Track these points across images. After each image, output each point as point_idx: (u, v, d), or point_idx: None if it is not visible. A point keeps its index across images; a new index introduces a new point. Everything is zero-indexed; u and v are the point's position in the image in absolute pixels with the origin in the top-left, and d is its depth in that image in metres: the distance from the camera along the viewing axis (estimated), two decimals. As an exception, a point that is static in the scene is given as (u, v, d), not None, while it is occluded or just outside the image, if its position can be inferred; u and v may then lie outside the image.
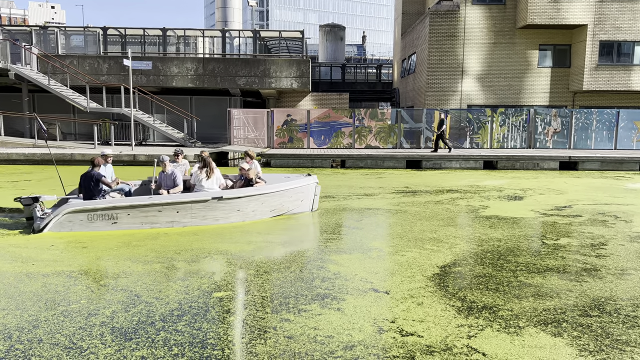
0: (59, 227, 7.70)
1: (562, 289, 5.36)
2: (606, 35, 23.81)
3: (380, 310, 4.69)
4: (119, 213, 7.89)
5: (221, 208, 8.36)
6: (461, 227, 8.47)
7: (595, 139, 21.81)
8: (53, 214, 7.71)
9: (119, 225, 7.90)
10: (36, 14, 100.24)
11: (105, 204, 7.87)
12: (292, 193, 9.31)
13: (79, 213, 7.76)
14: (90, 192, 8.24)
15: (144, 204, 7.96)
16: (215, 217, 8.34)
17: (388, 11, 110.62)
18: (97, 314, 4.58)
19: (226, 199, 8.35)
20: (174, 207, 8.08)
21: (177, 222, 8.14)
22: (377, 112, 22.17)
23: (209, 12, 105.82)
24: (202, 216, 8.25)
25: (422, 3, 32.04)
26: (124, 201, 8.07)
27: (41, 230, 7.62)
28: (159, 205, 8.00)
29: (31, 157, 18.52)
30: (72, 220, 7.75)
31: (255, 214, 8.78)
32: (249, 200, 8.59)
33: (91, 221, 7.81)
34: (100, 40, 25.02)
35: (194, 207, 8.18)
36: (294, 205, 9.46)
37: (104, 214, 7.85)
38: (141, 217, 7.98)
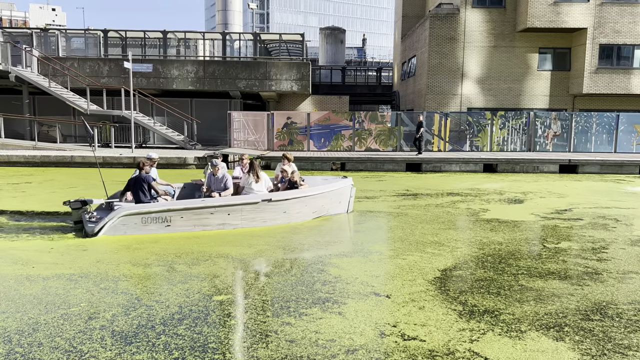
0: (114, 231, 7.72)
1: (563, 292, 5.35)
2: (606, 38, 23.84)
3: (381, 314, 4.68)
4: (173, 216, 7.96)
5: (269, 210, 8.57)
6: (462, 231, 8.46)
7: (595, 142, 21.82)
8: (108, 217, 7.71)
9: (172, 227, 7.96)
10: (37, 16, 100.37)
11: (160, 207, 7.95)
12: (332, 195, 9.56)
13: (133, 216, 7.79)
14: (142, 195, 8.27)
15: (197, 207, 8.07)
16: (263, 218, 8.53)
17: (388, 14, 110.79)
18: (97, 317, 4.56)
19: (275, 201, 8.58)
20: (226, 209, 8.22)
21: (227, 224, 8.28)
22: (377, 115, 22.18)
23: (209, 15, 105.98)
24: (251, 218, 8.42)
25: (422, 6, 32.10)
26: (177, 204, 8.15)
27: (96, 234, 7.62)
28: (212, 207, 8.13)
29: (31, 159, 18.51)
30: (127, 224, 7.78)
31: (299, 215, 9.00)
32: (294, 202, 8.84)
33: (145, 224, 7.85)
34: (100, 42, 25.05)
35: (244, 209, 8.35)
36: (333, 206, 9.71)
37: (158, 216, 7.90)
38: (194, 219, 8.08)
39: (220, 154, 9.68)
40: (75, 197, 9.38)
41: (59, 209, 9.99)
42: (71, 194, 11.92)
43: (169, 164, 18.52)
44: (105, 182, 14.25)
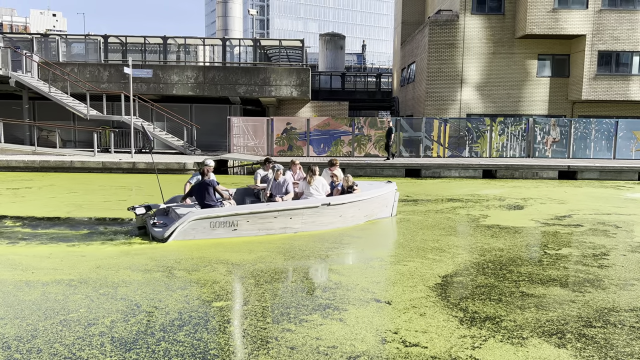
0: (183, 235, 7.79)
1: (565, 299, 5.33)
2: (604, 45, 23.94)
3: (382, 321, 4.65)
4: (239, 220, 8.08)
5: (327, 214, 8.78)
6: (463, 237, 8.44)
7: (594, 149, 21.85)
8: (178, 222, 7.79)
9: (238, 232, 8.09)
10: (37, 21, 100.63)
11: (228, 212, 8.07)
12: (380, 199, 9.85)
13: (202, 220, 7.88)
14: (208, 199, 8.31)
15: (262, 211, 8.22)
16: (322, 222, 8.73)
17: (388, 20, 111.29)
18: (96, 323, 4.53)
19: (333, 205, 8.79)
20: (288, 213, 8.41)
21: (289, 227, 8.44)
22: (376, 120, 22.21)
23: (209, 21, 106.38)
24: (311, 222, 8.61)
25: (421, 13, 32.24)
26: (244, 208, 8.27)
27: (166, 240, 7.67)
28: (276, 212, 8.30)
29: (30, 164, 18.49)
30: (196, 228, 7.86)
31: (353, 219, 9.24)
32: (350, 206, 9.10)
33: (213, 228, 7.95)
34: (101, 48, 25.09)
35: (305, 213, 8.54)
36: (381, 210, 9.96)
37: (225, 221, 8.01)
38: (259, 223, 8.22)
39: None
40: (87, 201, 9.39)
41: (63, 214, 9.97)
42: (71, 199, 11.91)
43: (169, 169, 18.50)
44: (109, 187, 14.25)
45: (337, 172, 9.62)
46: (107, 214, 10.23)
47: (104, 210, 10.66)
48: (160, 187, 9.94)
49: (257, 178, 9.68)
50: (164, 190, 10.22)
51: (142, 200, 11.58)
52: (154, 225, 8.09)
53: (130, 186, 14.77)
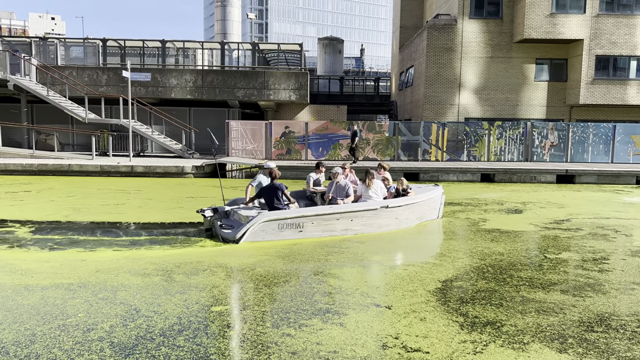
0: (254, 237, 8.03)
1: (565, 304, 5.32)
2: (602, 49, 24.05)
3: (382, 326, 4.63)
4: (305, 222, 8.35)
5: (385, 216, 9.01)
6: (463, 241, 8.43)
7: (592, 153, 21.91)
8: (249, 224, 8.02)
9: (304, 233, 8.34)
10: (36, 25, 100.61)
11: (295, 214, 8.34)
12: (430, 202, 10.16)
13: (271, 222, 8.14)
14: (276, 201, 8.55)
15: (326, 213, 8.49)
16: (379, 224, 8.96)
17: (386, 25, 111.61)
18: (95, 328, 4.50)
19: (391, 208, 9.05)
20: (350, 215, 8.67)
21: (350, 229, 8.68)
22: (374, 124, 22.23)
23: (208, 25, 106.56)
24: (369, 224, 8.85)
25: (419, 17, 32.34)
26: (310, 211, 8.55)
27: (238, 241, 7.90)
28: (338, 214, 8.56)
29: (28, 167, 18.44)
30: (265, 230, 8.12)
31: (407, 221, 9.47)
32: (405, 209, 9.34)
33: (281, 230, 8.21)
34: (99, 51, 25.10)
35: (365, 216, 8.79)
36: (430, 213, 10.26)
37: (292, 222, 8.29)
38: (322, 225, 8.48)
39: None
40: (86, 205, 9.34)
41: (72, 217, 9.93)
42: (70, 203, 11.87)
43: (167, 172, 18.48)
44: (107, 190, 14.23)
45: (387, 176, 9.91)
46: (112, 218, 10.20)
47: (104, 214, 10.62)
48: (222, 191, 10.27)
49: (309, 181, 9.98)
50: (164, 192, 10.21)
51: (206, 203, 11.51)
52: (221, 227, 8.36)
53: (129, 189, 14.73)
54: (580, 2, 23.84)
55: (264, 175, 9.34)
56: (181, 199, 12.82)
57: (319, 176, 10.07)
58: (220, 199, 11.66)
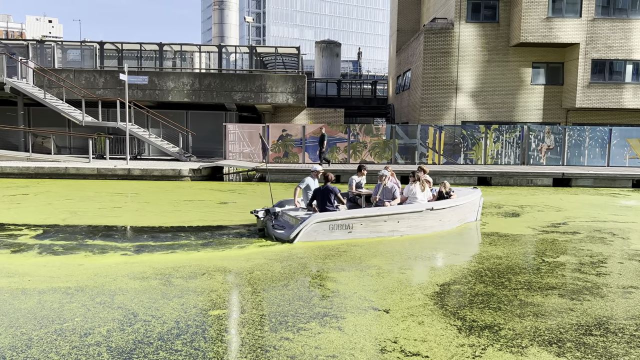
0: (307, 237, 8.37)
1: (563, 307, 5.32)
2: (598, 53, 24.16)
3: (381, 330, 4.63)
4: (354, 223, 8.66)
5: (430, 218, 9.25)
6: (461, 244, 8.44)
7: (588, 156, 21.98)
8: (302, 224, 8.36)
9: (353, 234, 8.64)
10: (33, 28, 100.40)
11: (345, 215, 8.66)
12: (471, 205, 10.41)
13: (323, 223, 8.48)
14: (329, 204, 8.88)
15: (374, 215, 8.76)
16: (424, 226, 9.20)
17: (383, 28, 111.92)
18: (92, 332, 4.48)
19: (435, 210, 9.28)
20: (397, 217, 8.92)
21: (396, 231, 8.94)
22: (372, 127, 22.27)
23: (206, 28, 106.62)
24: (415, 225, 9.10)
25: (416, 21, 32.45)
26: (359, 212, 8.84)
27: (292, 240, 8.28)
28: (386, 215, 8.82)
29: (25, 170, 18.37)
30: (317, 230, 8.45)
31: (450, 223, 9.70)
32: (449, 211, 9.59)
33: (332, 231, 8.53)
34: (97, 54, 25.06)
35: (411, 217, 9.04)
36: (470, 215, 10.49)
37: (342, 223, 8.61)
38: (371, 226, 8.76)
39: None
40: (84, 208, 9.31)
41: (78, 221, 9.89)
42: (68, 206, 11.82)
43: (164, 175, 18.44)
44: (104, 194, 14.19)
45: (428, 178, 10.07)
46: (109, 221, 10.17)
47: (101, 217, 10.59)
48: (271, 193, 10.68)
49: (352, 184, 10.23)
50: (161, 195, 10.18)
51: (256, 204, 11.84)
52: (273, 227, 8.75)
53: (126, 193, 14.69)
54: (576, 6, 23.96)
55: (311, 178, 9.72)
56: (178, 203, 12.80)
57: (361, 179, 10.35)
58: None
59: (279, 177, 19.03)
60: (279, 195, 12.10)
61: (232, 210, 11.91)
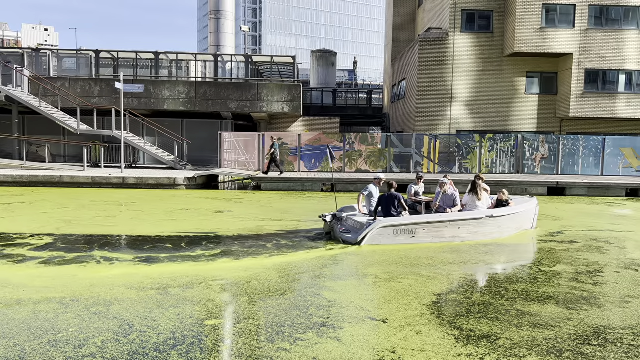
0: (372, 240, 8.85)
1: (561, 317, 5.32)
2: (591, 63, 24.41)
3: (378, 339, 4.60)
4: (417, 228, 9.07)
5: (489, 225, 9.53)
6: (457, 253, 8.43)
7: (582, 165, 22.12)
8: (368, 229, 8.83)
9: (416, 239, 9.04)
10: (29, 36, 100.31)
11: (409, 221, 9.08)
12: (528, 213, 10.66)
13: (388, 228, 8.92)
14: (393, 209, 9.27)
15: (437, 221, 9.15)
16: (484, 232, 9.49)
17: (379, 38, 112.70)
18: (86, 343, 4.43)
19: (495, 217, 9.57)
20: (457, 223, 9.27)
21: (457, 236, 9.27)
22: (367, 136, 22.33)
23: (202, 37, 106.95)
24: (475, 232, 9.40)
25: (411, 30, 32.70)
26: (422, 218, 9.30)
27: (359, 243, 8.78)
28: (447, 222, 9.20)
29: (19, 179, 18.26)
30: (382, 234, 8.91)
31: (508, 230, 9.95)
32: (507, 219, 9.85)
33: (396, 235, 8.97)
34: (92, 63, 25.05)
35: (471, 224, 9.36)
36: (527, 223, 10.70)
37: (406, 229, 9.03)
38: (433, 232, 9.14)
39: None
40: (84, 216, 9.24)
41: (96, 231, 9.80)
42: (63, 215, 11.74)
43: (159, 184, 18.37)
44: (100, 202, 14.13)
45: (486, 187, 10.37)
46: (105, 230, 10.09)
47: (97, 226, 10.51)
48: (335, 198, 11.77)
49: (411, 192, 10.85)
50: (157, 204, 10.13)
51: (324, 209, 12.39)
52: (341, 231, 9.26)
53: (122, 202, 14.61)
54: (569, 17, 24.24)
55: (373, 185, 10.20)
56: (174, 211, 12.74)
57: (419, 187, 10.95)
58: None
59: (274, 186, 19.00)
60: (277, 204, 12.08)
61: (228, 219, 11.87)
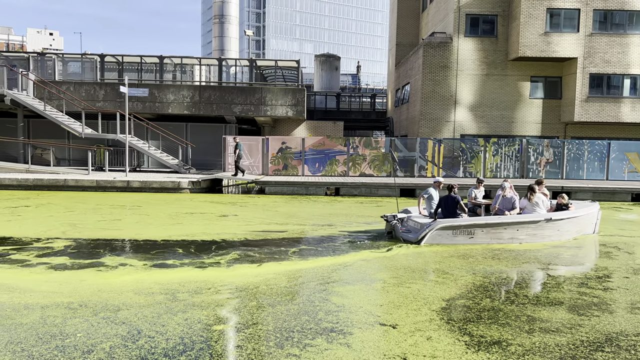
0: (431, 240, 9.25)
1: (572, 323, 5.27)
2: (596, 68, 24.36)
3: (389, 345, 4.56)
4: (476, 230, 9.38)
5: (547, 228, 9.73)
6: (465, 258, 8.38)
7: (587, 170, 22.03)
8: (428, 229, 9.25)
9: (474, 239, 9.36)
10: (34, 40, 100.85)
11: (467, 222, 9.36)
12: (589, 217, 10.75)
13: (447, 229, 9.28)
14: (452, 211, 9.61)
15: (495, 223, 9.43)
16: (542, 235, 9.70)
17: (382, 42, 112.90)
18: (94, 349, 4.40)
19: (554, 221, 9.73)
20: (515, 226, 9.52)
21: (515, 238, 9.55)
22: (371, 140, 22.30)
23: (206, 41, 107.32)
24: (533, 234, 9.63)
25: (415, 35, 32.72)
26: (480, 220, 9.52)
27: (419, 242, 9.24)
28: (506, 224, 9.47)
29: (24, 182, 18.29)
30: (441, 235, 9.28)
31: (568, 233, 10.10)
32: (566, 222, 9.98)
33: (455, 235, 9.32)
34: (97, 67, 25.13)
35: (529, 227, 9.58)
36: (588, 227, 10.77)
37: (465, 230, 9.35)
38: (491, 233, 9.44)
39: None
40: (91, 220, 9.24)
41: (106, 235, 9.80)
42: (68, 218, 11.74)
43: (163, 187, 18.38)
44: (104, 205, 14.14)
45: (545, 191, 10.56)
46: (111, 234, 10.08)
47: (103, 230, 10.50)
48: (397, 201, 12.94)
49: (471, 195, 11.18)
50: (161, 207, 10.11)
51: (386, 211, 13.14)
52: (402, 231, 9.68)
53: (127, 205, 14.60)
54: (574, 22, 24.21)
55: (433, 188, 10.55)
56: (178, 215, 12.72)
57: (479, 191, 11.26)
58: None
59: (278, 190, 18.99)
60: (282, 208, 12.05)
61: (234, 223, 11.85)
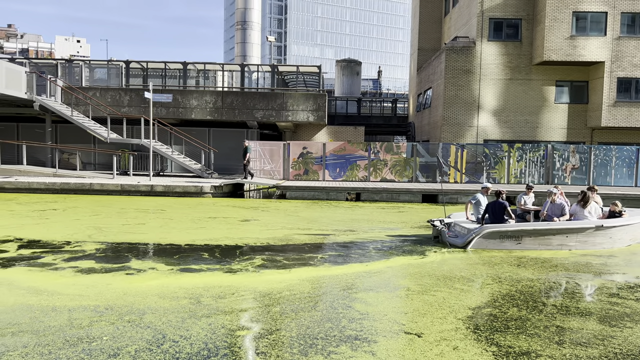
0: (478, 244, 9.37)
1: (603, 334, 5.10)
2: (624, 72, 23.78)
3: (414, 354, 4.49)
4: (523, 235, 9.38)
5: (599, 235, 9.63)
6: (490, 266, 8.23)
7: (615, 176, 21.48)
8: (474, 233, 9.37)
9: (522, 245, 9.40)
10: (62, 47, 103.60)
11: (515, 227, 9.42)
12: None
13: (494, 233, 9.36)
14: (499, 217, 9.71)
15: (543, 229, 9.40)
16: (594, 242, 9.62)
17: (403, 47, 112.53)
18: (120, 352, 4.44)
19: (605, 228, 9.61)
20: (565, 232, 9.46)
21: (564, 245, 9.49)
22: (392, 145, 22.18)
23: (228, 47, 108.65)
24: (584, 241, 9.54)
25: (437, 39, 32.49)
26: (529, 225, 9.56)
27: (465, 247, 9.37)
28: (554, 230, 9.42)
29: (51, 186, 18.72)
30: (488, 239, 9.36)
31: (621, 241, 9.97)
32: (619, 229, 9.84)
33: (502, 241, 9.37)
34: (122, 73, 25.64)
35: (579, 234, 9.50)
36: None
37: (512, 235, 9.40)
38: (539, 239, 9.41)
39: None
40: (116, 224, 9.38)
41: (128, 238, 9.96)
42: (94, 222, 11.95)
43: (186, 192, 18.58)
44: (128, 209, 14.36)
45: (597, 199, 10.51)
46: (139, 238, 10.22)
47: (129, 234, 10.65)
48: (444, 206, 13.32)
49: (521, 201, 11.24)
50: (185, 211, 10.18)
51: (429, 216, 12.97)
52: (449, 236, 9.78)
53: (152, 209, 14.80)
54: (600, 25, 23.70)
55: (481, 194, 10.68)
56: (202, 220, 12.83)
57: (528, 197, 11.30)
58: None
59: (299, 195, 19.01)
60: (303, 213, 12.04)
61: (256, 227, 11.89)
